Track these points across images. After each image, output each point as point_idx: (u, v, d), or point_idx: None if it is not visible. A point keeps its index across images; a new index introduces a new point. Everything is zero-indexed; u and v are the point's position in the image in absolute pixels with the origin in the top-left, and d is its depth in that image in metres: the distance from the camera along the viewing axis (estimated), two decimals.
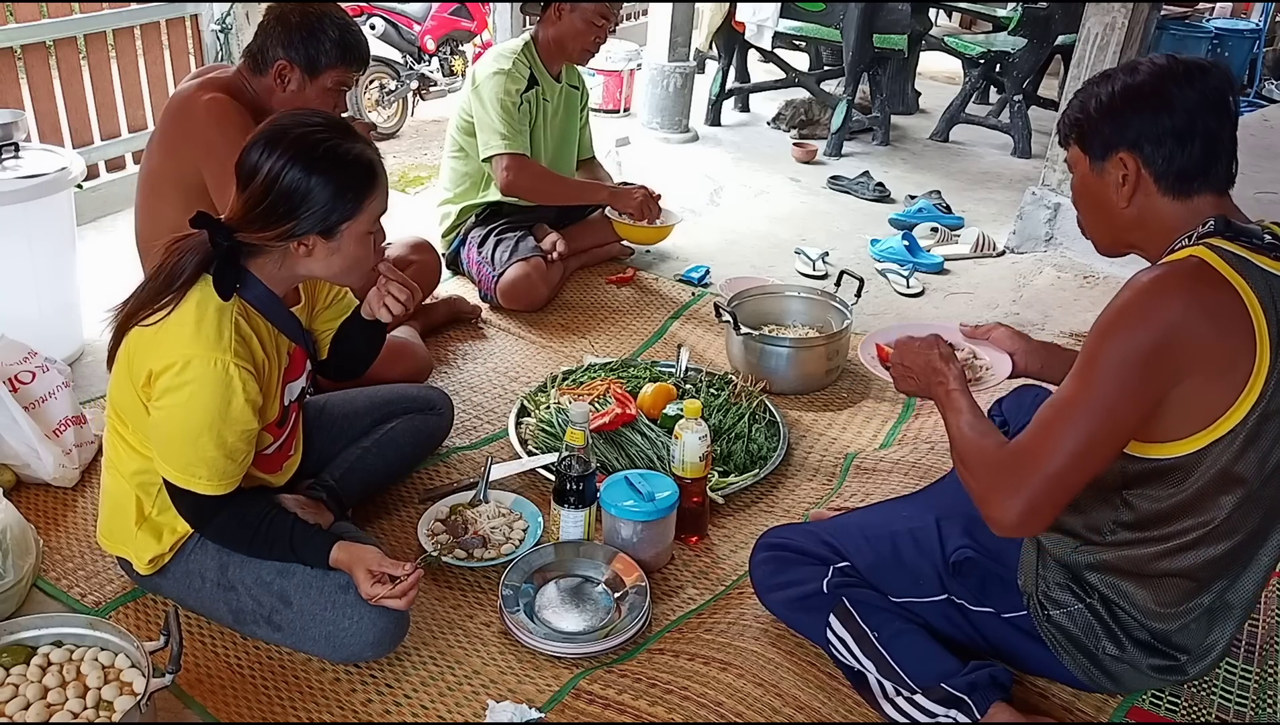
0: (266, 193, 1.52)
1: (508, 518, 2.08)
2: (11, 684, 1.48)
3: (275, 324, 1.67)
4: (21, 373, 2.19)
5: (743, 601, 1.89)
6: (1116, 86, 1.43)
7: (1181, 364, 1.29)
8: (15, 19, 3.39)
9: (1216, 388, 1.31)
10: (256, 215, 1.54)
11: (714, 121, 5.51)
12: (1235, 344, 1.30)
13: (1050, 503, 1.36)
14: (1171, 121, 1.38)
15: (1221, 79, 1.39)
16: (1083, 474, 1.36)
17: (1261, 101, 7.05)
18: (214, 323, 1.54)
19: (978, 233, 3.87)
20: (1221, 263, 1.32)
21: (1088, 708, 1.64)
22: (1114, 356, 1.31)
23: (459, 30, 5.57)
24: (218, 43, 3.90)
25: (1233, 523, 1.39)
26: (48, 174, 2.49)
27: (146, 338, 1.56)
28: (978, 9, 5.76)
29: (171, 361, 1.52)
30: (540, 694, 1.67)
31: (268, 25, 2.20)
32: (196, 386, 1.52)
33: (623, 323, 3.12)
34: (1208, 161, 1.40)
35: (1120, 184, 1.44)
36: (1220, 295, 1.30)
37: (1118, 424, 1.34)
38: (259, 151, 1.54)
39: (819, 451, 2.47)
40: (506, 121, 2.97)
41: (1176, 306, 1.29)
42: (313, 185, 1.52)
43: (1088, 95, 1.47)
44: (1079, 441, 1.33)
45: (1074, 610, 1.51)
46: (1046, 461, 1.35)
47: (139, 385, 1.58)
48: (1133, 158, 1.41)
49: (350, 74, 2.24)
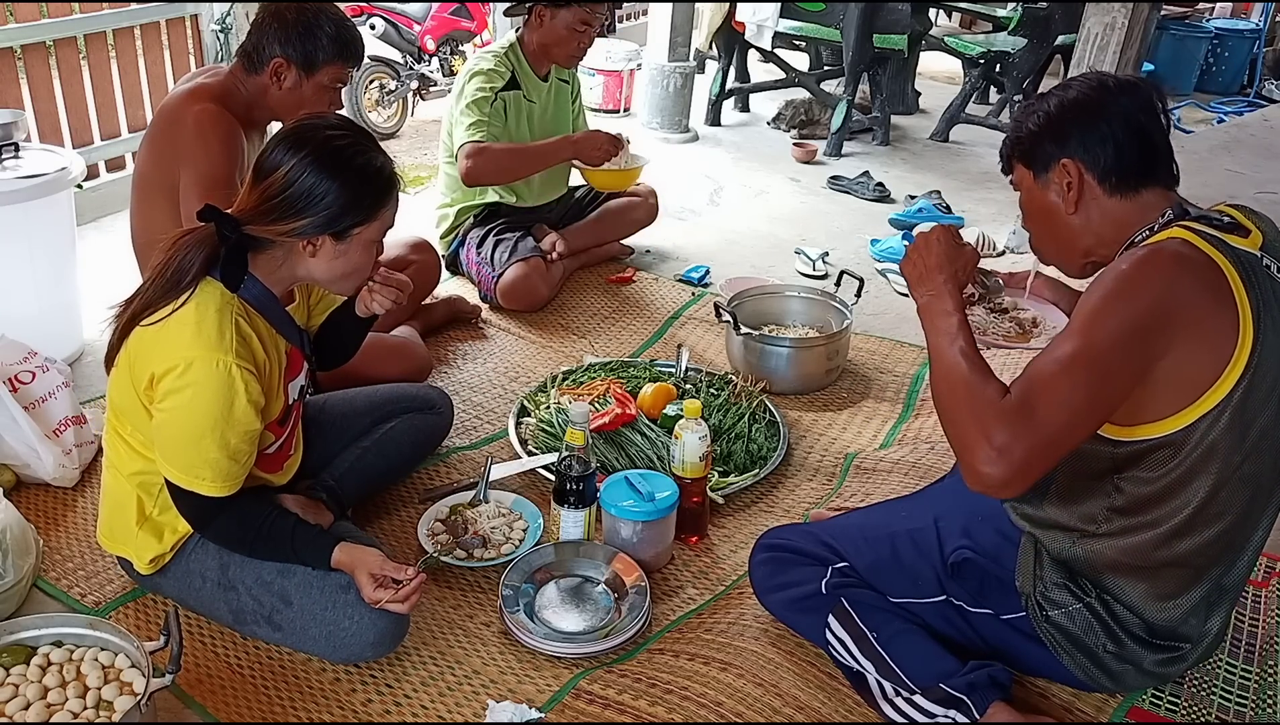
0: (286, 187, 1.53)
1: (508, 518, 2.08)
2: (11, 684, 1.48)
3: (273, 324, 1.67)
4: (21, 373, 2.19)
5: (743, 601, 1.89)
6: (1051, 104, 1.49)
7: (1174, 332, 1.31)
8: (15, 19, 3.39)
9: (1202, 361, 1.33)
10: (270, 207, 1.54)
11: (714, 121, 5.51)
12: (1222, 316, 1.32)
13: (1040, 464, 1.32)
14: (1108, 126, 1.44)
15: (1150, 88, 1.47)
16: (1073, 437, 1.34)
17: (1261, 101, 7.05)
18: (215, 323, 1.54)
19: (978, 233, 3.87)
20: (1201, 241, 1.35)
21: (1088, 708, 1.64)
22: (1113, 318, 1.32)
23: (459, 30, 5.56)
24: (218, 43, 3.90)
25: (1222, 502, 1.40)
26: (48, 174, 2.49)
27: (148, 340, 1.56)
28: (978, 9, 5.76)
29: (174, 364, 1.52)
30: (540, 694, 1.67)
31: (263, 23, 2.20)
32: (199, 388, 1.52)
33: (623, 323, 3.12)
34: (1146, 159, 1.45)
35: (1065, 191, 1.48)
36: (1206, 269, 1.34)
37: (1113, 386, 1.33)
38: (284, 148, 1.54)
39: (819, 451, 2.47)
40: (473, 116, 2.93)
41: (1172, 275, 1.32)
42: (333, 186, 1.53)
43: (1025, 116, 1.53)
44: (1079, 399, 1.31)
45: (1072, 610, 1.51)
46: (1046, 421, 1.30)
47: (140, 388, 1.58)
48: (1074, 164, 1.46)
49: (346, 71, 2.24)
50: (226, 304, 1.56)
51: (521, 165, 3.05)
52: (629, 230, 3.54)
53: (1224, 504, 1.40)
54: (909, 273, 1.58)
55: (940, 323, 1.47)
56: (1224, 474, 1.38)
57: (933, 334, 1.47)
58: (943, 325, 1.46)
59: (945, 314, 1.47)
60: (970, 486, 1.35)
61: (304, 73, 2.19)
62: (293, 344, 1.74)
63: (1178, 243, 1.35)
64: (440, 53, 5.47)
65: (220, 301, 1.56)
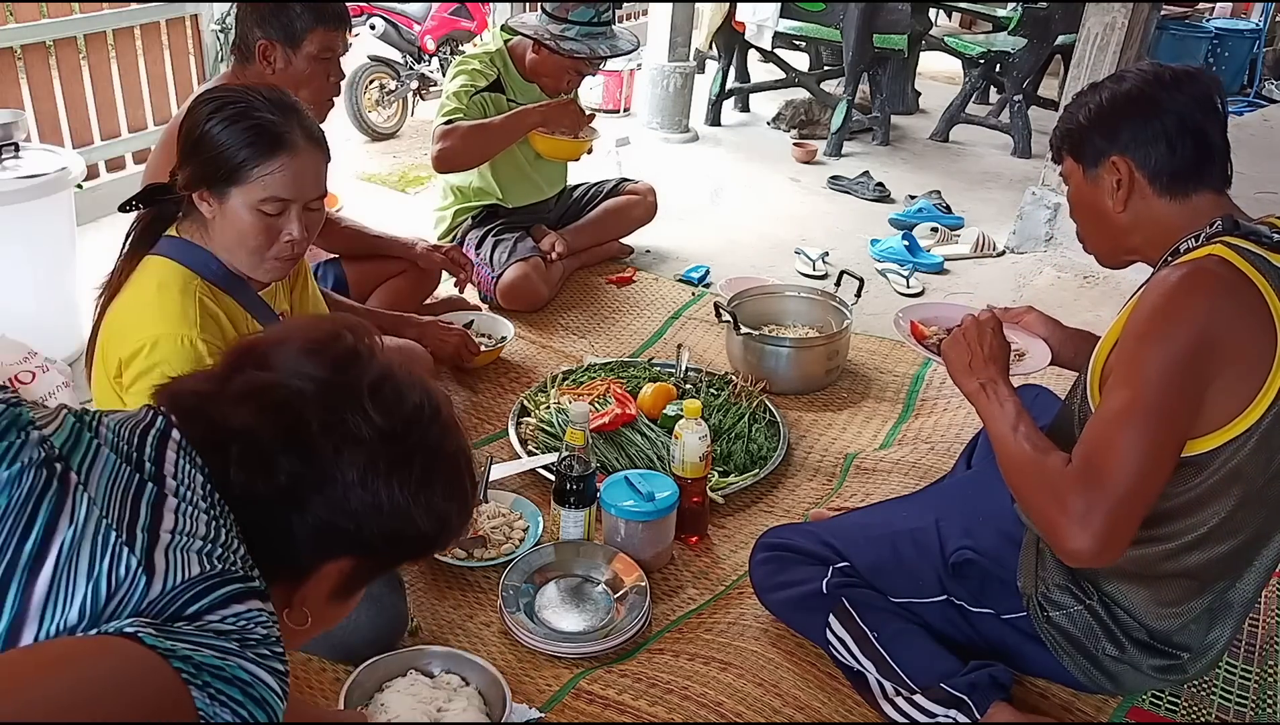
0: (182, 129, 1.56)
1: (508, 518, 2.08)
2: None
3: (242, 304, 1.64)
4: (21, 373, 2.19)
5: (743, 601, 1.89)
6: (1104, 95, 1.45)
7: (1219, 357, 1.29)
8: (15, 19, 3.39)
9: (1240, 386, 1.30)
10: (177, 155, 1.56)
11: (714, 121, 5.50)
12: (1262, 341, 1.29)
13: (1129, 524, 1.30)
14: (1161, 123, 1.39)
15: (1209, 82, 1.41)
16: (1154, 486, 1.31)
17: (1261, 101, 7.04)
18: (177, 301, 1.52)
19: (978, 233, 3.87)
20: (1240, 260, 1.31)
21: (1088, 708, 1.64)
22: (1158, 360, 1.30)
23: (459, 30, 5.56)
24: (218, 43, 3.90)
25: (1236, 522, 1.39)
26: (48, 174, 2.49)
27: (113, 326, 1.56)
28: (978, 9, 5.76)
29: (139, 344, 1.51)
30: (540, 694, 1.67)
31: (241, 14, 2.20)
32: (167, 367, 1.49)
33: (623, 323, 3.12)
34: (1201, 161, 1.40)
35: (1115, 189, 1.44)
36: (1245, 291, 1.30)
37: (1175, 427, 1.31)
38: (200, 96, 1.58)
39: (819, 451, 2.47)
40: (450, 105, 2.92)
41: (1208, 303, 1.29)
42: (209, 128, 1.52)
43: (1077, 107, 1.49)
44: (1144, 452, 1.28)
45: (1074, 612, 1.50)
46: (1117, 479, 1.28)
47: (112, 377, 1.57)
48: (1125, 161, 1.42)
49: (333, 35, 2.20)
50: (189, 282, 1.55)
51: (491, 139, 2.92)
52: (628, 229, 3.54)
53: (1239, 523, 1.39)
54: (954, 358, 1.57)
55: (1000, 411, 1.47)
56: (1246, 496, 1.36)
57: (993, 422, 1.47)
58: (1003, 413, 1.46)
59: (1003, 401, 1.48)
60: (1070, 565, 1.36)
61: (290, 48, 2.16)
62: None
63: (1215, 262, 1.32)
64: (440, 53, 5.46)
65: (183, 281, 1.55)
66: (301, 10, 2.15)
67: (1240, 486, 1.36)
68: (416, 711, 1.55)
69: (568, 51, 2.92)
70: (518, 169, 3.15)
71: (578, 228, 3.37)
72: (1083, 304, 3.31)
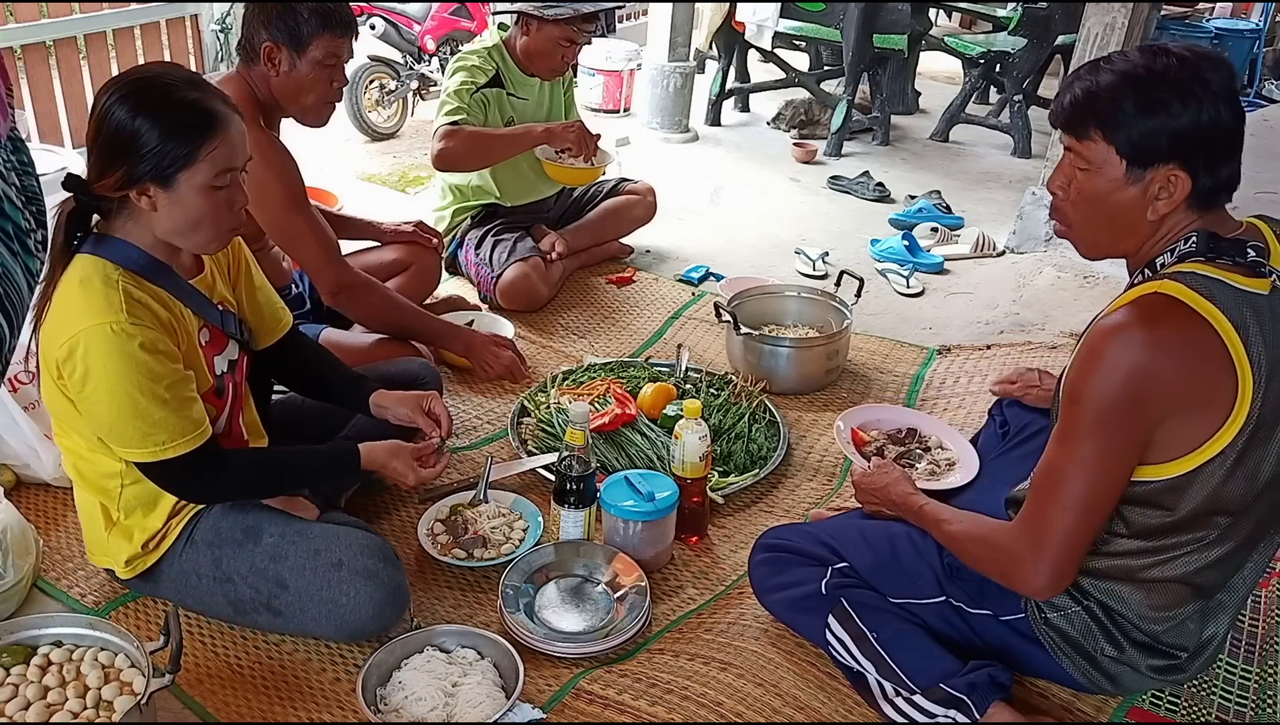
0: (98, 133, 1.51)
1: (508, 518, 2.08)
2: (11, 684, 1.48)
3: (170, 292, 1.62)
4: (21, 373, 2.19)
5: (743, 601, 1.89)
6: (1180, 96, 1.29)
7: (1157, 406, 1.30)
8: (15, 19, 3.39)
9: (1199, 419, 1.32)
10: (96, 160, 1.53)
11: (714, 121, 5.51)
12: (1211, 374, 1.29)
13: (1073, 557, 1.41)
14: (1227, 148, 1.33)
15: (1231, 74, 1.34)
16: (1094, 521, 1.41)
17: (1261, 101, 7.04)
18: (101, 294, 1.51)
19: (978, 233, 3.87)
20: (1190, 293, 1.29)
21: (1087, 708, 1.64)
22: (1088, 414, 1.33)
23: (459, 30, 5.56)
24: (218, 43, 3.91)
25: (1225, 535, 1.41)
26: (48, 174, 2.48)
27: (47, 330, 1.56)
28: (978, 9, 5.76)
29: (70, 343, 1.50)
30: (540, 694, 1.67)
31: (248, 14, 2.21)
32: (99, 357, 1.49)
33: (623, 323, 3.12)
34: (1235, 179, 1.36)
35: (1158, 197, 1.34)
36: (1186, 329, 1.29)
37: (1112, 472, 1.36)
38: (102, 93, 1.52)
39: (819, 451, 2.47)
40: (452, 103, 2.94)
41: (1137, 352, 1.28)
42: (138, 125, 1.48)
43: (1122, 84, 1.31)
44: (1080, 500, 1.37)
45: (1071, 613, 1.50)
46: (1056, 525, 1.38)
47: (55, 380, 1.57)
48: (1185, 174, 1.32)
49: (338, 41, 2.21)
50: (110, 275, 1.54)
51: (493, 148, 2.99)
52: (628, 229, 3.54)
53: (1228, 534, 1.40)
54: (869, 508, 1.80)
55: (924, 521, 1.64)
56: (1229, 515, 1.38)
57: (924, 526, 1.64)
58: (927, 521, 1.63)
59: (918, 509, 1.66)
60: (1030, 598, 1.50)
61: (295, 52, 2.18)
62: (204, 318, 1.68)
63: (1152, 302, 1.29)
64: (440, 53, 5.46)
65: (104, 274, 1.53)
66: (309, 15, 2.16)
67: (1231, 506, 1.37)
68: (433, 686, 1.60)
69: (552, 16, 2.94)
70: (516, 169, 3.15)
71: (577, 228, 3.37)
72: (1082, 304, 3.31)
